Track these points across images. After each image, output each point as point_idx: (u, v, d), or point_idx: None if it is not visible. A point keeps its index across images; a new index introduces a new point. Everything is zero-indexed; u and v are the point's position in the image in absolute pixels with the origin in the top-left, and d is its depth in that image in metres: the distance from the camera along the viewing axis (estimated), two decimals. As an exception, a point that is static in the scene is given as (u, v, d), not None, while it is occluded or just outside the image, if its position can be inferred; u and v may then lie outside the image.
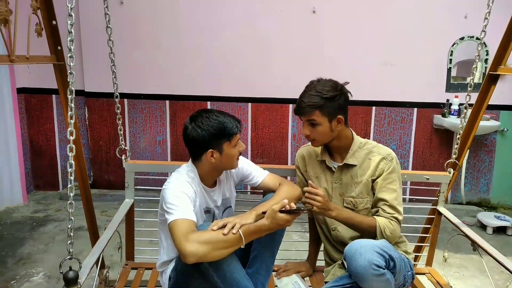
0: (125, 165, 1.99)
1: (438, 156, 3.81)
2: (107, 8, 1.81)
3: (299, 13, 3.62)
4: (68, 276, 1.21)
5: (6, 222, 3.20)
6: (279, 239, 1.62)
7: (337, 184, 1.70)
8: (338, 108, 1.58)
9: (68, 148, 1.29)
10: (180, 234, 1.32)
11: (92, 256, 1.46)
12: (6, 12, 1.37)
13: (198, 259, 1.30)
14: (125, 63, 3.69)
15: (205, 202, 1.60)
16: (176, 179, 1.52)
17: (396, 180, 1.63)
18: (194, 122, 1.51)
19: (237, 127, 1.53)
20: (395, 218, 1.59)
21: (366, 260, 1.35)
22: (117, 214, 1.86)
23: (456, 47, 3.64)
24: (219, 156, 1.52)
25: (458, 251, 2.81)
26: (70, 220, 1.29)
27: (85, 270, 1.34)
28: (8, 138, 3.46)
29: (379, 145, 1.69)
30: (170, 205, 1.40)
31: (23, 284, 2.35)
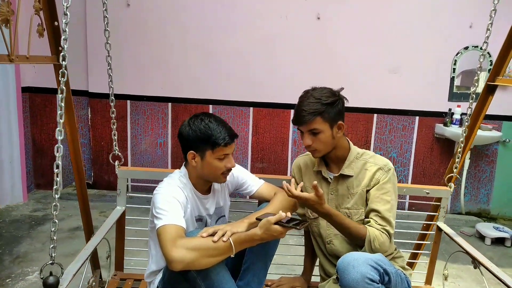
0: (117, 171, 1.96)
1: (438, 165, 3.79)
2: (106, 11, 1.81)
3: (304, 19, 3.64)
4: (48, 281, 1.17)
5: (5, 220, 3.22)
6: (272, 250, 1.59)
7: (333, 195, 1.66)
8: (338, 113, 1.55)
9: (56, 148, 1.28)
10: (168, 240, 1.28)
11: (76, 263, 1.41)
12: (8, 12, 1.39)
13: (184, 266, 1.26)
14: (129, 65, 3.72)
15: (197, 210, 1.56)
16: (167, 184, 1.49)
17: (390, 191, 1.58)
18: (190, 120, 1.50)
19: (225, 139, 1.45)
20: (386, 230, 1.53)
21: (359, 273, 1.30)
22: (107, 221, 1.81)
23: (460, 56, 3.63)
24: (200, 161, 1.48)
25: (455, 261, 2.79)
26: (54, 223, 1.26)
27: (67, 277, 1.29)
28: (11, 136, 3.49)
29: (376, 156, 1.65)
30: (160, 210, 1.37)
31: (18, 282, 2.36)
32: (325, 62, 3.68)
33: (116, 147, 2.00)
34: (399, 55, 3.65)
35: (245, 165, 3.88)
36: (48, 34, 1.64)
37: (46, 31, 1.62)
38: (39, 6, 1.56)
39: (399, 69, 3.67)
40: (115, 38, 3.69)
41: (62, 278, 1.24)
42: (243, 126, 3.82)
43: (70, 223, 3.21)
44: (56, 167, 1.27)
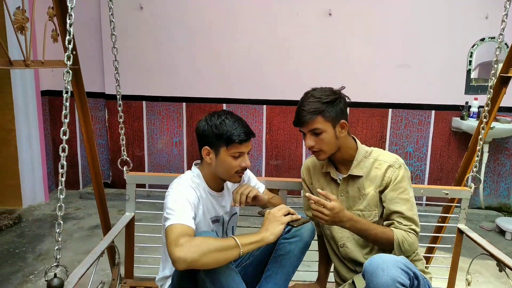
0: (126, 177, 1.94)
1: (456, 160, 3.73)
2: (112, 15, 1.83)
3: (315, 16, 3.63)
4: (52, 284, 1.15)
5: (28, 219, 3.33)
6: (296, 262, 1.53)
7: (343, 197, 1.60)
8: (340, 112, 1.51)
9: (60, 148, 1.30)
10: (172, 239, 1.24)
11: (82, 267, 1.38)
12: (23, 20, 1.45)
13: (188, 264, 1.19)
14: (144, 66, 3.79)
15: (214, 210, 1.55)
16: (178, 184, 1.47)
17: (407, 189, 1.51)
18: (207, 116, 1.50)
19: (240, 136, 1.43)
20: (412, 230, 1.47)
21: (390, 277, 1.21)
22: (115, 227, 1.79)
23: (476, 48, 3.56)
24: (214, 158, 1.47)
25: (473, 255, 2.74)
26: (59, 224, 1.24)
27: (72, 281, 1.26)
28: (32, 139, 3.59)
29: (385, 152, 1.59)
30: (169, 210, 1.35)
31: (40, 279, 2.44)
32: (338, 58, 3.66)
33: (125, 152, 1.98)
34: (413, 48, 3.60)
35: (259, 163, 3.90)
36: (62, 38, 1.70)
37: (60, 36, 1.67)
38: (53, 12, 1.62)
39: (414, 62, 3.62)
40: (130, 40, 3.79)
41: (67, 281, 1.22)
42: (256, 124, 3.84)
43: (90, 222, 3.29)
44: (61, 167, 1.28)
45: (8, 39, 2.95)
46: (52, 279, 1.16)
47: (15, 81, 3.39)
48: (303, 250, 1.54)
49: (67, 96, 1.29)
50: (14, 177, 3.53)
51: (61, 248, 1.25)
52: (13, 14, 1.38)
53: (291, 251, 1.50)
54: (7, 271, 2.52)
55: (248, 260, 1.57)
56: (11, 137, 3.46)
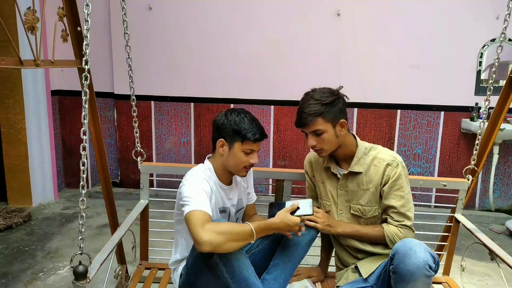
0: (140, 166, 2.04)
1: (465, 162, 3.69)
2: (125, 15, 1.86)
3: (324, 17, 3.62)
4: (77, 270, 1.25)
5: (37, 218, 3.37)
6: (303, 253, 1.65)
7: (343, 191, 1.70)
8: (339, 112, 1.59)
9: (81, 147, 1.36)
10: (197, 223, 1.34)
11: (103, 253, 1.49)
12: (33, 20, 1.46)
13: (213, 248, 1.31)
14: (153, 66, 3.81)
15: (222, 201, 1.64)
16: (192, 175, 1.57)
17: (403, 186, 1.61)
18: (227, 112, 1.59)
19: (255, 135, 1.54)
20: (403, 225, 1.59)
21: (421, 259, 1.32)
22: (131, 214, 1.90)
23: (486, 49, 3.53)
24: (227, 151, 1.56)
25: (483, 259, 2.72)
26: (81, 216, 1.33)
27: (95, 266, 1.37)
28: (42, 138, 3.64)
29: (384, 150, 1.67)
30: (187, 198, 1.44)
31: (50, 276, 2.47)
32: (346, 59, 3.65)
33: (138, 143, 2.08)
34: (422, 49, 3.58)
35: (267, 163, 3.90)
36: (72, 39, 1.71)
37: (69, 36, 1.69)
38: (63, 13, 1.64)
39: (423, 63, 3.59)
40: (138, 40, 3.82)
41: (90, 267, 1.31)
42: (264, 124, 3.84)
43: (98, 221, 3.32)
44: (82, 164, 1.34)
45: (19, 39, 2.99)
46: (77, 266, 1.26)
47: (26, 80, 3.44)
48: (310, 242, 1.66)
49: (86, 98, 1.35)
50: (25, 175, 3.57)
51: (84, 238, 1.33)
52: (23, 14, 1.39)
53: (298, 243, 1.61)
54: (17, 268, 2.56)
55: (258, 247, 1.67)
56: (22, 136, 3.51)
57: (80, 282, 1.24)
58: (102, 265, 1.42)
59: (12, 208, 3.54)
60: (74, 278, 1.25)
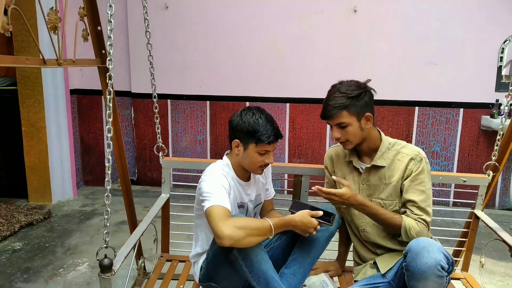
0: (161, 161, 2.08)
1: (485, 159, 3.60)
2: (146, 13, 1.90)
3: (340, 13, 3.59)
4: (103, 263, 1.29)
5: (57, 215, 3.44)
6: (321, 249, 1.65)
7: (365, 185, 1.68)
8: (365, 105, 1.57)
9: (106, 144, 1.41)
10: (218, 218, 1.37)
11: (127, 246, 1.54)
12: (56, 20, 1.49)
13: (233, 242, 1.34)
14: (169, 65, 3.84)
15: (240, 197, 1.65)
16: (211, 171, 1.59)
17: (425, 181, 1.59)
18: (242, 111, 1.59)
19: (270, 138, 1.53)
20: (423, 219, 1.56)
21: (433, 259, 1.31)
22: (153, 208, 1.95)
23: (508, 44, 3.45)
24: (242, 151, 1.57)
25: (503, 258, 2.67)
26: (106, 211, 1.37)
27: (119, 259, 1.41)
28: (61, 136, 3.70)
29: (408, 145, 1.66)
30: (206, 193, 1.47)
31: (69, 272, 2.52)
32: (363, 56, 3.61)
33: (160, 139, 2.11)
34: (441, 45, 3.52)
35: (282, 161, 3.90)
36: (92, 38, 1.74)
37: (90, 35, 1.71)
38: (83, 13, 1.66)
39: (441, 59, 3.54)
40: (154, 39, 3.80)
41: (115, 260, 1.35)
42: (279, 122, 3.84)
43: (116, 218, 3.37)
44: (107, 161, 1.39)
45: (40, 39, 3.04)
46: (103, 259, 1.29)
47: (46, 80, 3.50)
48: (329, 238, 1.67)
49: (110, 97, 1.39)
50: (45, 173, 3.64)
51: (109, 232, 1.37)
52: (46, 15, 1.42)
53: (317, 238, 1.62)
54: (38, 264, 2.61)
55: (277, 242, 1.68)
56: (42, 135, 3.57)
57: (106, 274, 1.28)
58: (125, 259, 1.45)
59: (32, 205, 3.62)
60: (100, 270, 1.29)
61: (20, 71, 3.47)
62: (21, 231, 3.08)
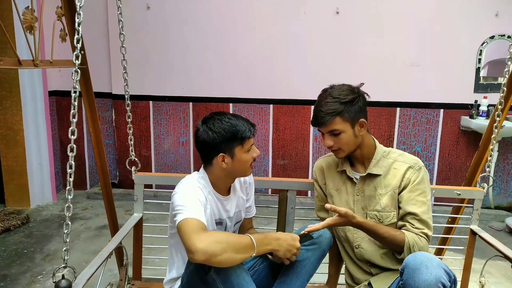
0: (134, 177, 1.92)
1: (464, 159, 3.69)
2: (121, 14, 1.81)
3: (323, 14, 3.61)
4: (60, 285, 1.14)
5: (36, 220, 3.35)
6: (312, 270, 1.52)
7: (359, 197, 1.57)
8: (358, 111, 1.47)
9: (69, 148, 1.28)
10: (190, 231, 1.21)
11: (90, 268, 1.37)
12: (32, 19, 1.45)
13: (207, 257, 1.17)
14: (151, 66, 3.79)
15: (218, 213, 1.52)
16: (186, 183, 1.46)
17: (425, 191, 1.49)
18: (205, 124, 1.44)
19: (251, 130, 1.44)
20: (424, 234, 1.44)
21: (433, 276, 1.19)
22: (123, 227, 1.77)
23: (485, 46, 3.52)
24: (230, 161, 1.45)
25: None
26: (67, 225, 1.23)
27: (80, 282, 1.26)
28: (39, 139, 3.61)
29: (405, 154, 1.56)
30: (180, 206, 1.32)
31: (49, 279, 2.45)
32: (345, 57, 3.64)
33: (133, 152, 1.96)
34: (421, 47, 3.57)
35: (266, 163, 3.89)
36: (70, 38, 1.68)
37: (68, 35, 1.67)
38: (61, 12, 1.62)
39: (422, 61, 3.59)
40: (136, 40, 3.80)
41: (75, 282, 1.21)
42: (263, 123, 3.83)
43: (97, 222, 3.30)
44: (69, 167, 1.26)
45: (17, 39, 2.96)
46: (60, 281, 1.16)
47: (23, 81, 3.41)
48: (320, 258, 1.53)
49: (75, 95, 1.27)
50: (22, 177, 3.55)
51: (69, 249, 1.25)
52: (22, 14, 1.37)
53: (308, 258, 1.49)
54: (16, 271, 2.53)
55: (262, 264, 1.55)
56: (20, 137, 3.48)
57: None
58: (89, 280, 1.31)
59: (10, 210, 3.52)
60: None
61: (-4, 72, 3.38)
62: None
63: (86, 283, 1.29)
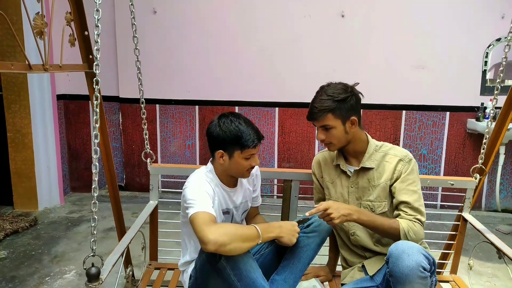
0: (149, 168, 2.06)
1: (471, 162, 3.67)
2: (134, 19, 1.89)
3: (328, 17, 3.62)
4: (90, 272, 1.26)
5: (43, 222, 3.38)
6: (312, 255, 1.64)
7: (353, 189, 1.69)
8: (350, 109, 1.58)
9: (93, 150, 1.39)
10: (202, 223, 1.35)
11: (114, 255, 1.51)
12: (42, 25, 1.47)
13: (217, 247, 1.31)
14: (157, 70, 3.82)
15: (225, 203, 1.64)
16: (195, 178, 1.57)
17: (416, 181, 1.61)
18: (219, 120, 1.57)
19: (254, 142, 1.53)
20: (417, 219, 1.56)
21: (414, 261, 1.32)
22: (141, 215, 1.92)
23: (492, 48, 3.51)
24: (228, 160, 1.56)
25: (490, 259, 2.70)
26: (93, 219, 1.35)
27: (107, 267, 1.38)
28: (47, 142, 3.65)
29: (395, 147, 1.68)
30: (190, 200, 1.45)
31: (56, 280, 2.47)
32: (350, 60, 3.64)
33: (148, 145, 2.09)
34: (427, 49, 3.57)
35: (271, 165, 3.90)
36: (79, 43, 1.72)
37: (77, 40, 1.70)
38: (70, 18, 1.65)
39: (427, 64, 3.59)
40: (142, 44, 3.80)
41: (102, 268, 1.33)
42: (269, 126, 3.84)
43: (104, 224, 3.33)
44: (94, 168, 1.36)
45: (26, 44, 3.00)
46: (90, 268, 1.27)
47: (32, 85, 3.45)
48: (320, 244, 1.65)
49: (97, 102, 1.38)
50: (31, 180, 3.59)
51: (96, 240, 1.35)
52: (32, 19, 1.40)
53: (308, 245, 1.61)
54: (24, 272, 2.56)
55: (267, 249, 1.68)
56: (28, 141, 3.52)
57: (93, 284, 1.26)
58: (113, 267, 1.43)
59: (18, 212, 3.56)
60: (87, 279, 1.27)
61: (5, 76, 3.42)
62: (6, 239, 3.02)
63: (112, 269, 1.40)
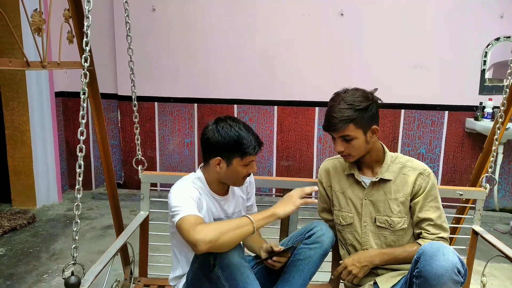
0: (141, 176, 1.94)
1: (469, 161, 3.68)
2: (128, 17, 1.81)
3: (327, 16, 3.62)
4: (69, 281, 1.17)
5: (41, 219, 3.38)
6: (314, 268, 1.54)
7: (367, 201, 1.57)
8: (371, 118, 1.47)
9: (78, 148, 1.29)
10: (188, 226, 1.25)
11: (98, 265, 1.40)
12: (40, 21, 1.47)
13: (209, 244, 1.22)
14: (156, 67, 3.82)
15: (217, 213, 1.54)
16: (179, 184, 1.48)
17: (437, 197, 1.53)
18: (216, 124, 1.45)
19: (255, 149, 1.44)
20: (441, 237, 1.49)
21: (450, 262, 1.22)
22: (130, 225, 1.80)
23: (491, 48, 3.52)
24: (225, 167, 1.45)
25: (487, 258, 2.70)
26: (76, 223, 1.26)
27: (88, 278, 1.28)
28: (46, 139, 3.64)
29: (411, 159, 1.59)
30: (175, 207, 1.34)
31: (54, 278, 2.47)
32: (349, 59, 3.64)
33: (139, 152, 1.99)
34: (426, 48, 3.57)
35: (270, 164, 3.90)
36: (78, 40, 1.71)
37: (75, 37, 1.69)
38: (69, 14, 1.64)
39: (426, 63, 3.59)
40: (142, 41, 3.82)
41: (84, 279, 1.24)
42: (267, 125, 3.84)
43: (102, 222, 3.33)
44: (78, 166, 1.27)
45: (24, 41, 2.99)
46: (69, 277, 1.18)
47: (30, 82, 3.45)
48: (322, 256, 1.55)
49: (84, 97, 1.29)
50: (29, 177, 3.58)
51: (78, 247, 1.27)
52: (30, 16, 1.39)
53: (310, 257, 1.52)
54: (22, 270, 2.56)
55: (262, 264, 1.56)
56: (26, 138, 3.51)
57: None
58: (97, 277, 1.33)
59: (16, 209, 3.55)
60: None
61: (4, 73, 3.41)
62: (4, 236, 3.02)
63: (94, 280, 1.31)
